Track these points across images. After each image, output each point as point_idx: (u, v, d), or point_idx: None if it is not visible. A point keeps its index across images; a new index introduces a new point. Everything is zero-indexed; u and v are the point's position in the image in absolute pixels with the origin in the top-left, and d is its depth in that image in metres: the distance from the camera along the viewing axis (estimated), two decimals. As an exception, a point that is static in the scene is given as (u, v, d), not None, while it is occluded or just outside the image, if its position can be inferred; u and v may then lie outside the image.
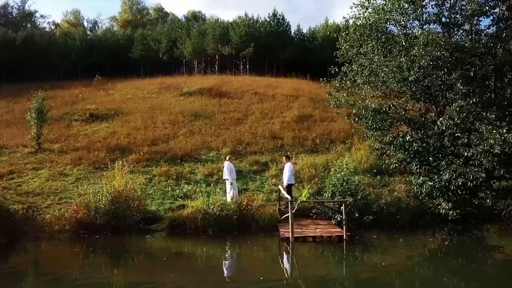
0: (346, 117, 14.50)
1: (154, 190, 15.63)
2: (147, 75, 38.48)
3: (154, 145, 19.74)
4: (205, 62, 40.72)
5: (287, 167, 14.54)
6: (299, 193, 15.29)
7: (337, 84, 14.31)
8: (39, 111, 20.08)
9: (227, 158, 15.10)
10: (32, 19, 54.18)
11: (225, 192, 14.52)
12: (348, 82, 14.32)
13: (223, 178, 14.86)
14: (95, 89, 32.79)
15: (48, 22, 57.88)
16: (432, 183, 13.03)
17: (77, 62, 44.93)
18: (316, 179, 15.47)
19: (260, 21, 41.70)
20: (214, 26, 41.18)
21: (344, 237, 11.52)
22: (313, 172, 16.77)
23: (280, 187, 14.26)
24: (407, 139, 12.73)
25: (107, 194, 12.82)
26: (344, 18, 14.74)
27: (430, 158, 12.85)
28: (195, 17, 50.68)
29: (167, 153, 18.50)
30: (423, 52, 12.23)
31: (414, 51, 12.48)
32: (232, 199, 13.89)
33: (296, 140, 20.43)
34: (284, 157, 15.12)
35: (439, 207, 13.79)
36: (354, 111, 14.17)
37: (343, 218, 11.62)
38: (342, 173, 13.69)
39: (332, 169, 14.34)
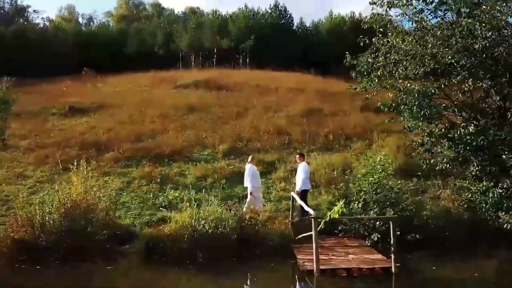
0: (380, 105, 10.66)
1: (132, 197, 11.78)
2: (142, 70, 34.77)
3: (139, 141, 15.87)
4: (203, 56, 36.79)
5: (301, 168, 10.73)
6: (315, 202, 11.52)
7: (369, 60, 10.45)
8: (2, 102, 16.29)
9: (250, 159, 11.59)
10: (25, 15, 50.34)
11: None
12: (380, 58, 10.49)
13: (244, 185, 11.28)
14: (83, 82, 29.05)
15: (42, 18, 53.92)
16: (501, 190, 9.22)
17: (70, 57, 41.24)
18: (341, 184, 11.58)
19: (261, 13, 37.86)
20: (212, 19, 37.33)
21: (393, 270, 7.64)
22: (331, 173, 12.95)
23: (293, 194, 10.43)
24: (470, 130, 8.91)
25: (59, 205, 8.96)
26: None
27: (504, 156, 9.02)
28: (193, 13, 46.77)
29: (153, 151, 14.62)
30: (503, 6, 8.45)
31: (483, 7, 8.69)
32: (246, 211, 10.22)
33: (305, 136, 16.61)
34: (297, 155, 11.29)
35: (500, 220, 9.94)
36: (391, 95, 10.33)
37: (392, 241, 7.69)
38: (375, 176, 9.87)
39: (362, 170, 10.49)
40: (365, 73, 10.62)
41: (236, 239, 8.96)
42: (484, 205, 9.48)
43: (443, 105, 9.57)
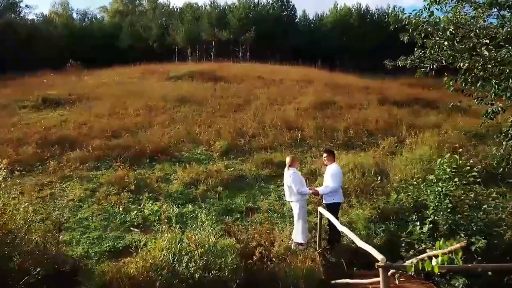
0: (446, 81, 7.06)
1: (93, 212, 8.21)
2: (135, 64, 31.27)
3: (116, 137, 12.34)
4: (200, 50, 33.27)
5: (332, 172, 7.16)
6: (346, 218, 8.01)
7: (433, 11, 6.84)
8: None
9: (289, 161, 7.16)
10: (17, 9, 46.65)
11: (294, 226, 7.14)
12: (444, 17, 6.95)
13: (287, 199, 7.31)
14: (68, 75, 25.51)
15: (36, 14, 50.17)
16: None
17: (61, 51, 37.77)
18: (395, 196, 7.92)
19: (262, 3, 34.32)
20: (210, 10, 33.75)
21: None
22: (362, 178, 9.42)
23: (321, 209, 6.88)
24: None
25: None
26: None
27: None
28: (191, 8, 43.19)
29: (131, 149, 11.09)
30: None
31: None
32: (299, 244, 6.84)
33: (321, 132, 13.10)
34: (324, 154, 7.59)
35: None
36: (463, 66, 6.80)
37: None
38: (446, 184, 6.35)
39: (428, 176, 6.88)
40: (424, 35, 7.07)
41: (239, 286, 5.42)
42: None
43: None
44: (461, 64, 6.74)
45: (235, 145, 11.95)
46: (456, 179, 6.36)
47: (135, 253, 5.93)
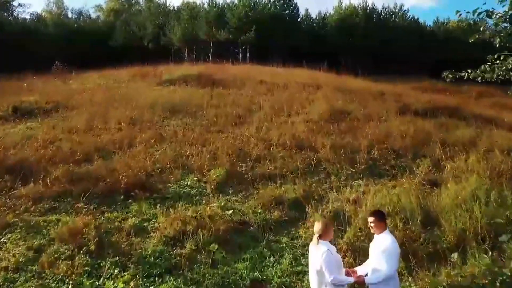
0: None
1: (29, 292, 5.48)
2: (128, 65, 28.48)
3: (87, 161, 9.59)
4: (197, 51, 30.39)
5: (384, 248, 4.47)
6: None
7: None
8: None
9: (320, 229, 4.28)
10: (10, 9, 43.68)
11: None
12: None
13: None
14: (52, 78, 22.72)
15: (31, 14, 47.19)
16: None
17: (55, 51, 34.97)
18: (455, 267, 5.19)
19: (263, 2, 31.39)
20: (208, 8, 30.87)
21: None
22: (406, 229, 6.69)
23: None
24: None
25: None
26: None
27: None
28: (188, 6, 40.25)
29: (100, 182, 8.32)
30: None
31: None
32: None
33: (340, 153, 10.34)
34: (370, 217, 4.76)
35: None
36: None
37: None
38: None
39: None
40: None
41: None
42: None
43: None
44: None
45: (235, 172, 9.21)
46: None
47: None
